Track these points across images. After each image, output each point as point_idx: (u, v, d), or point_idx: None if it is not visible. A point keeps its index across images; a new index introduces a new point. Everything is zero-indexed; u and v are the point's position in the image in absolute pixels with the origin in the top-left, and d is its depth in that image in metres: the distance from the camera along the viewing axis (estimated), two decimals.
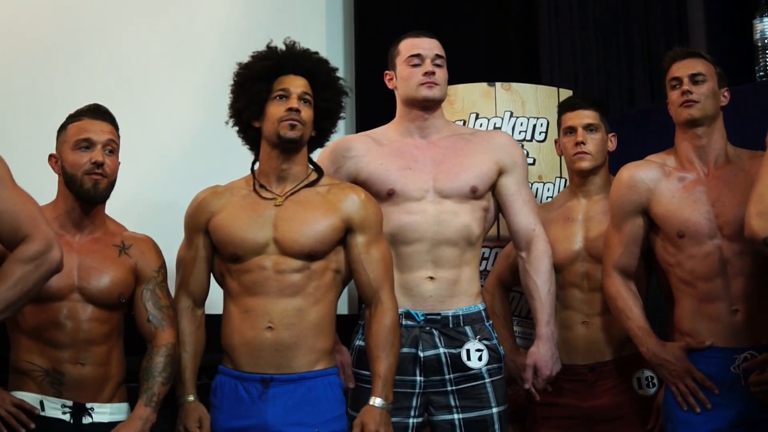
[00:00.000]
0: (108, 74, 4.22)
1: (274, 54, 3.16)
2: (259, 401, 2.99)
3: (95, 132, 3.06)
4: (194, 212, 3.18)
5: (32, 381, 2.97)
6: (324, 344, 3.05)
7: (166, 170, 4.29)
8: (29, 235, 2.54)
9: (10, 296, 2.51)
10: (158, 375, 3.05)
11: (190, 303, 3.17)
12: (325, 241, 3.05)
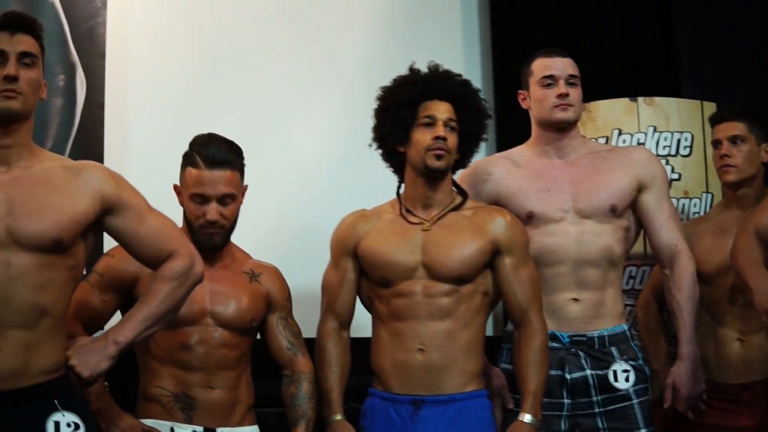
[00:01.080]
0: (250, 101, 4.36)
1: (418, 78, 3.18)
2: (410, 423, 3.03)
3: (210, 186, 3.06)
4: (342, 236, 3.23)
5: (162, 407, 3.04)
6: (474, 366, 3.08)
7: (310, 195, 4.39)
8: (174, 252, 2.65)
9: (159, 312, 2.61)
10: (309, 401, 3.15)
11: (336, 325, 3.22)
12: (473, 264, 3.07)
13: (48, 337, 2.51)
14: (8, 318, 2.45)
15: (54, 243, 2.49)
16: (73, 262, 2.58)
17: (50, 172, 2.59)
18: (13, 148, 2.56)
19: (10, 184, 2.53)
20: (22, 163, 2.58)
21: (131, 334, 2.56)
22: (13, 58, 2.53)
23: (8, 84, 2.51)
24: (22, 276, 2.47)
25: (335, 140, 4.44)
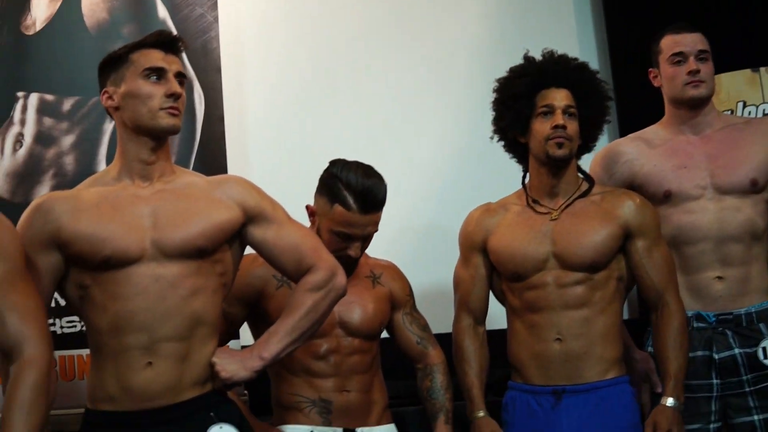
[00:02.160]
0: (367, 106, 4.41)
1: (533, 67, 3.19)
2: (552, 413, 3.05)
3: (360, 227, 3.10)
4: (470, 231, 3.26)
5: (300, 413, 3.10)
6: (612, 353, 3.09)
7: (434, 194, 4.44)
8: (314, 264, 2.67)
9: (303, 325, 2.63)
10: (445, 392, 3.20)
11: (471, 321, 3.25)
12: (606, 251, 3.08)
13: (200, 347, 2.58)
14: (163, 331, 2.53)
15: (198, 250, 2.57)
16: (222, 268, 2.65)
17: (192, 185, 2.69)
18: (157, 163, 2.66)
19: (154, 198, 2.62)
20: (165, 178, 2.68)
21: (276, 350, 2.59)
22: (172, 77, 2.62)
23: (173, 101, 2.60)
24: (173, 286, 2.55)
25: (455, 138, 4.46)
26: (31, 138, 3.72)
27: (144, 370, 2.52)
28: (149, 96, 2.60)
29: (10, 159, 3.69)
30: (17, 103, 3.75)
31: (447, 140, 4.48)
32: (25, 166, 3.70)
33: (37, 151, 3.72)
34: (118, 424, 2.53)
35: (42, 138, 3.73)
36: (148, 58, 2.63)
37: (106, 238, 2.53)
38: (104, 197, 2.62)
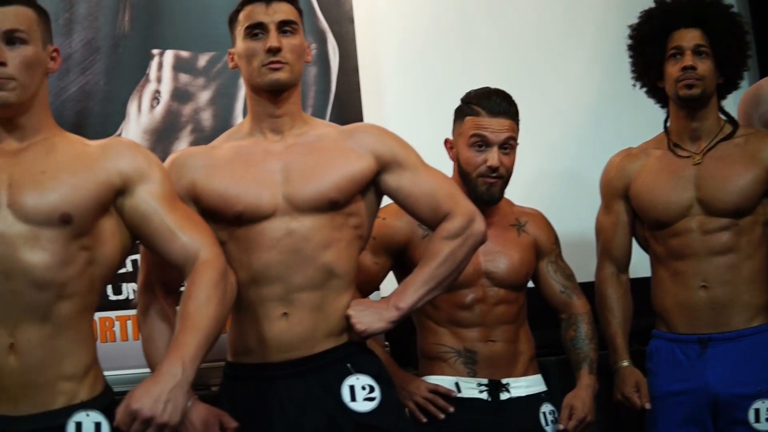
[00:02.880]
0: (501, 52, 4.38)
1: (662, 9, 3.16)
2: (698, 362, 3.04)
3: (493, 131, 3.08)
4: (611, 177, 3.24)
5: (445, 363, 3.10)
6: (760, 299, 3.05)
7: (570, 139, 4.39)
8: (450, 211, 2.64)
9: (440, 273, 2.62)
10: (590, 342, 3.19)
11: (614, 269, 3.23)
12: (752, 195, 3.03)
13: (335, 298, 2.61)
14: (297, 282, 2.57)
15: (330, 203, 2.59)
16: (357, 221, 2.66)
17: (323, 136, 2.69)
18: (284, 117, 2.67)
19: (285, 152, 2.65)
20: (295, 130, 2.69)
21: (412, 300, 2.59)
22: (273, 29, 2.62)
23: (272, 56, 2.60)
24: (306, 239, 2.58)
25: (591, 84, 4.40)
26: (168, 95, 3.79)
27: (280, 320, 2.57)
28: (253, 54, 2.64)
29: (148, 116, 3.77)
30: (152, 60, 3.82)
31: (585, 84, 4.41)
32: (163, 123, 3.78)
33: (174, 108, 3.79)
34: (257, 377, 2.60)
35: (179, 94, 3.80)
36: (248, 15, 2.66)
37: (238, 194, 2.59)
38: (237, 153, 2.67)
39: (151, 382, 2.17)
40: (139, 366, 3.30)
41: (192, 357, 2.21)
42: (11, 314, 2.25)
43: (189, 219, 2.44)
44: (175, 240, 2.39)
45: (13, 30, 2.33)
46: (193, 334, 2.24)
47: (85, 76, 3.74)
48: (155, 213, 2.39)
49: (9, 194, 2.28)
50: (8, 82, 2.31)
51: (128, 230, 2.43)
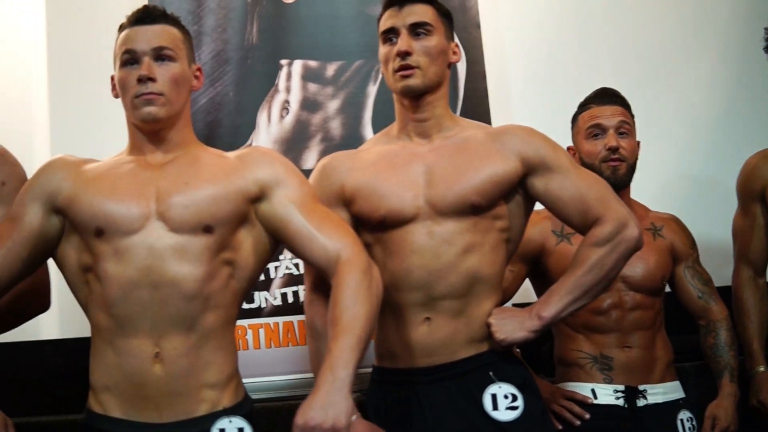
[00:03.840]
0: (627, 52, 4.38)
1: None
2: None
3: (605, 117, 3.15)
4: (747, 179, 3.21)
5: (581, 370, 3.10)
6: None
7: (700, 142, 4.33)
8: (601, 216, 2.58)
9: (586, 282, 2.56)
10: (729, 349, 3.16)
11: (751, 273, 3.20)
12: None
13: (477, 304, 2.60)
14: (439, 288, 2.57)
15: (472, 207, 2.58)
16: (503, 224, 2.63)
17: (471, 138, 2.67)
18: (430, 120, 2.68)
19: (430, 154, 2.65)
20: (444, 132, 2.69)
21: (555, 309, 2.55)
22: (405, 32, 2.63)
23: (401, 60, 2.63)
24: (448, 243, 2.57)
25: (720, 84, 4.33)
26: (297, 104, 3.87)
27: (422, 325, 2.59)
28: (387, 59, 2.67)
29: (278, 126, 3.85)
30: (281, 71, 3.89)
31: (714, 84, 4.35)
32: (293, 133, 3.85)
33: (303, 117, 3.86)
34: (399, 381, 2.62)
35: (308, 104, 3.87)
36: (383, 20, 2.69)
37: (382, 196, 2.61)
38: (382, 156, 2.69)
39: (311, 395, 2.22)
40: (271, 374, 3.38)
41: (345, 361, 2.23)
42: (158, 324, 2.34)
43: (327, 219, 2.48)
44: (314, 241, 2.42)
45: (162, 47, 2.45)
46: (345, 338, 2.26)
47: (215, 87, 3.84)
48: (293, 216, 2.44)
49: (157, 206, 2.38)
50: (158, 98, 2.42)
51: (268, 239, 2.49)
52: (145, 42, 2.44)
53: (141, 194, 2.39)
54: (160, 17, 2.49)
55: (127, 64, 2.46)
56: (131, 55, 2.45)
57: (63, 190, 2.44)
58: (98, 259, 2.37)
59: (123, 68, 2.46)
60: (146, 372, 2.33)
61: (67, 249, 2.45)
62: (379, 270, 2.50)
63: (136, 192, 2.39)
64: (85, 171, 2.48)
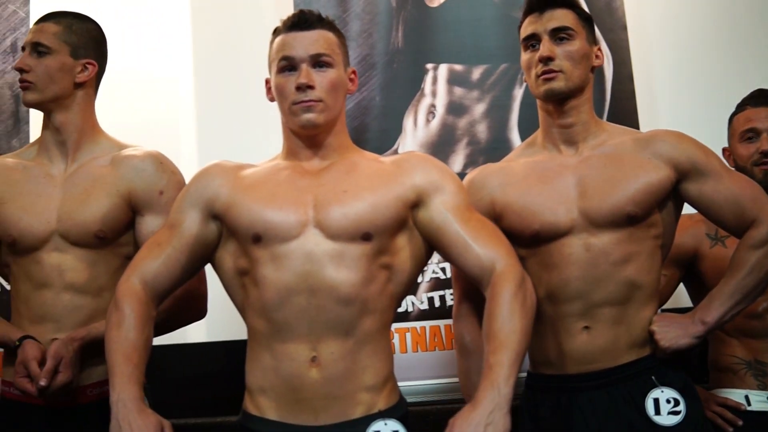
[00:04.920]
0: None
1: None
2: None
3: (759, 119, 3.12)
4: None
5: (735, 376, 3.07)
6: None
7: None
8: (756, 217, 2.59)
9: (747, 285, 2.58)
10: None
11: None
12: None
13: (637, 311, 2.62)
14: (597, 297, 2.60)
15: (628, 218, 2.60)
16: (657, 231, 2.65)
17: (619, 147, 2.69)
18: (576, 126, 2.71)
19: (580, 165, 2.68)
20: (590, 141, 2.72)
21: (718, 314, 2.58)
22: (546, 38, 2.67)
23: (544, 66, 2.65)
24: (605, 254, 2.60)
25: None
26: (443, 108, 3.89)
27: (580, 334, 2.61)
28: (528, 66, 2.71)
29: (424, 130, 3.88)
30: (427, 75, 3.92)
31: None
32: (439, 137, 3.87)
33: (449, 121, 3.88)
34: (558, 388, 2.64)
35: (454, 108, 3.89)
36: (524, 27, 2.73)
37: (534, 212, 2.64)
38: (531, 168, 2.72)
39: (470, 410, 2.22)
40: (418, 378, 3.41)
41: (506, 377, 2.24)
42: (315, 329, 2.39)
43: (483, 229, 2.49)
44: (469, 251, 2.44)
45: (319, 54, 2.50)
46: (503, 353, 2.27)
47: (361, 92, 3.89)
48: (450, 224, 2.46)
49: (315, 213, 2.43)
50: (317, 105, 2.48)
51: (424, 244, 2.52)
52: (302, 48, 2.50)
53: (299, 202, 2.45)
54: (317, 22, 2.54)
55: (284, 71, 2.52)
56: (288, 62, 2.51)
57: (221, 196, 2.51)
58: (255, 265, 2.44)
59: (280, 74, 2.53)
60: (303, 375, 2.39)
61: (224, 254, 2.53)
62: (535, 282, 2.52)
63: (294, 199, 2.45)
64: (242, 177, 2.55)
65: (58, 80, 2.84)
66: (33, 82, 2.82)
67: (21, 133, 4.07)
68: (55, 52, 2.85)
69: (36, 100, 2.83)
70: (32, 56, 2.83)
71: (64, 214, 2.78)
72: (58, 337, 2.71)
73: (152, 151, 2.88)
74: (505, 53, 3.85)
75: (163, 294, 2.53)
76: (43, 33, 2.85)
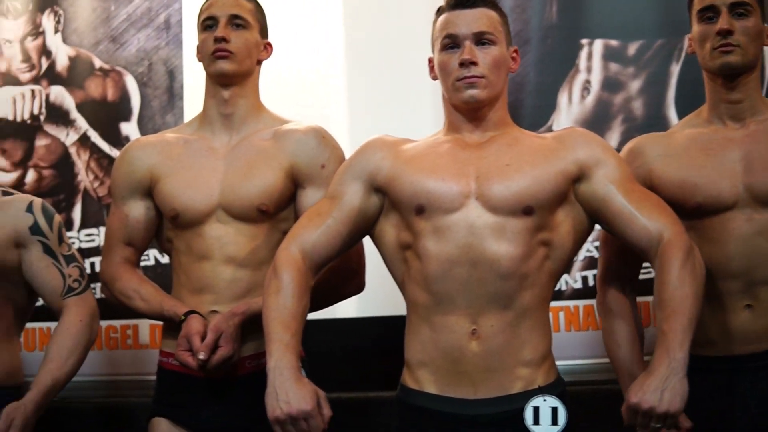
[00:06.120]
0: None
1: None
2: None
3: None
4: None
5: None
6: None
7: None
8: None
9: None
10: None
11: None
12: None
13: None
14: (760, 275, 2.60)
15: None
16: None
17: None
18: (744, 102, 2.71)
19: (746, 139, 2.68)
20: (756, 117, 2.72)
21: None
22: (725, 11, 2.66)
23: (723, 39, 2.66)
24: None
25: None
26: (598, 84, 3.87)
27: (742, 312, 2.62)
28: (704, 37, 2.70)
29: (579, 106, 3.87)
30: (582, 50, 3.90)
31: None
32: (594, 113, 3.85)
33: (604, 98, 3.86)
34: (718, 369, 2.65)
35: (609, 84, 3.86)
36: None
37: (697, 184, 2.65)
38: (694, 141, 2.73)
39: (645, 376, 2.27)
40: (572, 357, 3.42)
41: (680, 341, 2.27)
42: (475, 302, 2.43)
43: (647, 200, 2.51)
44: (635, 222, 2.46)
45: (482, 32, 2.55)
46: (675, 319, 2.30)
47: None
48: (614, 196, 2.48)
49: (477, 186, 2.47)
50: (479, 81, 2.52)
51: (584, 220, 2.54)
52: (465, 26, 2.54)
53: (461, 173, 2.49)
54: (480, 0, 2.57)
55: (447, 48, 2.57)
56: (452, 40, 2.56)
57: (383, 169, 2.57)
58: (418, 237, 2.49)
59: (444, 52, 2.58)
60: (463, 348, 2.43)
61: (385, 227, 2.59)
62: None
63: (456, 171, 2.50)
64: (404, 150, 2.60)
65: (253, 54, 2.94)
66: (234, 53, 2.89)
67: (175, 109, 4.18)
68: (252, 27, 2.95)
69: (234, 71, 2.90)
70: (229, 27, 2.91)
71: (227, 188, 2.86)
72: (216, 308, 2.81)
73: (314, 125, 2.95)
74: (661, 29, 3.81)
75: (321, 264, 2.59)
76: (241, 7, 2.94)
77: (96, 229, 4.18)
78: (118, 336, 4.06)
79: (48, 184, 4.27)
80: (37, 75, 4.35)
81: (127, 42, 4.28)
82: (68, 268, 3.05)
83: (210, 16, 2.94)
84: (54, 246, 3.05)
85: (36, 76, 4.35)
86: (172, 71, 4.23)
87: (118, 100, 4.25)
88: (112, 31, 4.30)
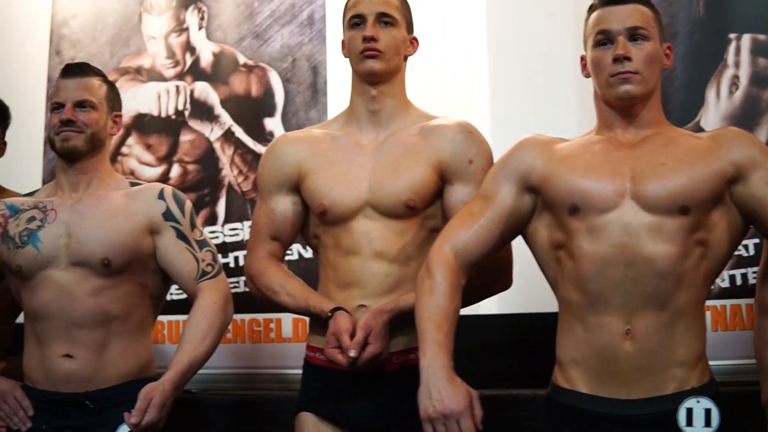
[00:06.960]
0: None
1: None
2: None
3: None
4: None
5: None
6: None
7: None
8: None
9: None
10: None
11: None
12: None
13: None
14: None
15: None
16: None
17: None
18: None
19: None
20: None
21: None
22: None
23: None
24: None
25: None
26: (746, 80, 3.82)
27: None
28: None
29: (727, 102, 3.82)
30: (730, 45, 3.86)
31: None
32: (743, 109, 3.81)
33: (753, 93, 3.81)
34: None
35: (757, 79, 3.81)
36: None
37: None
38: None
39: None
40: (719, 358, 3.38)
41: None
42: (630, 301, 2.45)
43: None
44: None
45: (636, 27, 2.57)
46: None
47: None
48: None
49: (632, 185, 2.48)
50: (633, 76, 2.54)
51: (740, 221, 2.54)
52: (619, 22, 2.56)
53: (616, 173, 2.50)
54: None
55: (601, 45, 2.59)
56: (605, 36, 2.58)
57: (536, 168, 2.60)
58: (572, 237, 2.51)
59: (597, 48, 2.60)
60: (617, 348, 2.45)
61: (538, 226, 2.62)
62: None
63: (611, 171, 2.51)
64: (557, 150, 2.63)
65: (400, 52, 2.98)
66: (383, 52, 2.92)
67: (319, 104, 4.26)
68: (399, 25, 2.98)
69: (383, 70, 2.94)
70: (378, 26, 2.94)
71: (375, 184, 2.91)
72: (364, 302, 2.86)
73: (461, 120, 2.98)
74: None
75: (473, 264, 2.63)
76: (389, 5, 2.96)
77: (240, 224, 4.27)
78: (261, 329, 4.15)
79: (192, 179, 4.38)
80: (181, 71, 4.47)
81: (270, 38, 4.37)
82: (201, 253, 3.14)
83: (357, 14, 2.98)
84: (186, 231, 3.14)
85: (180, 72, 4.48)
86: (315, 67, 4.30)
87: (262, 95, 4.34)
88: (255, 27, 4.39)
